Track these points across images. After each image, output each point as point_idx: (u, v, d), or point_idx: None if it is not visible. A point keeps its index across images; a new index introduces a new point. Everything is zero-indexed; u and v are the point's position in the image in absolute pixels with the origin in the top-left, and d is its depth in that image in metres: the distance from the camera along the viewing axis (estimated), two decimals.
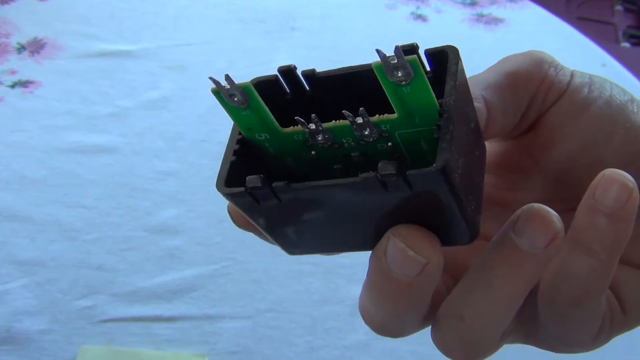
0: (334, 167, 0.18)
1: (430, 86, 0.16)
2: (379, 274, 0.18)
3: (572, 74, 0.25)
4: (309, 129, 0.17)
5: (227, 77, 0.17)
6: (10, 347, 0.66)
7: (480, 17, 1.09)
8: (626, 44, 1.78)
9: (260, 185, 0.16)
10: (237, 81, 0.17)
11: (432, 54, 0.18)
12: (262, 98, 0.18)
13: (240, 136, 0.19)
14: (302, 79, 0.19)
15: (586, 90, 0.24)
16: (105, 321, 0.70)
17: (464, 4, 1.12)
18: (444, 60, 0.18)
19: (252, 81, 0.19)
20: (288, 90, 0.20)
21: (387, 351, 0.71)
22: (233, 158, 0.18)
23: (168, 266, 0.75)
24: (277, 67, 0.19)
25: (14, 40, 1.01)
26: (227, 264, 0.77)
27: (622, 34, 1.80)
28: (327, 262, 0.78)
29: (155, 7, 1.11)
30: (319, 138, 0.17)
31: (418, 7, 1.19)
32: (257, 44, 1.07)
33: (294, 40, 1.07)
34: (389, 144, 0.17)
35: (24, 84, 0.94)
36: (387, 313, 0.20)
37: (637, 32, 1.82)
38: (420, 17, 1.12)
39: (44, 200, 0.79)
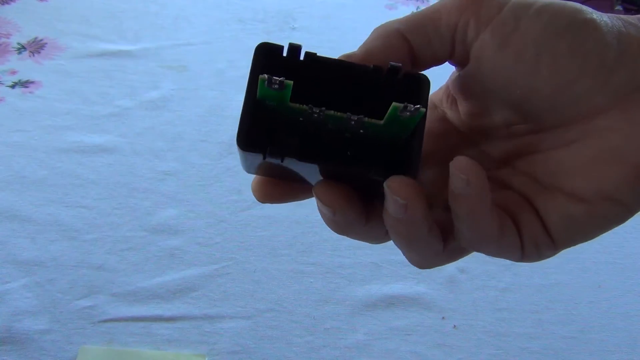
0: (316, 131, 0.24)
1: (416, 120, 0.22)
2: (388, 220, 0.23)
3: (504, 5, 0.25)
4: (312, 111, 0.22)
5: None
6: (10, 347, 0.66)
7: None
8: None
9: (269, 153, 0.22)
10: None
11: (409, 74, 0.24)
12: (263, 59, 0.23)
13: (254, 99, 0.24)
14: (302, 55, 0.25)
15: (512, 20, 0.24)
16: (106, 321, 0.70)
17: None
18: (417, 78, 0.24)
19: (260, 44, 0.24)
20: (287, 59, 0.25)
21: (387, 351, 0.71)
22: (250, 113, 0.23)
23: (168, 266, 0.75)
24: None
25: (14, 40, 1.01)
26: (227, 264, 0.77)
27: None
28: (327, 262, 0.78)
29: (155, 7, 1.11)
30: (315, 116, 0.22)
31: (418, 7, 1.19)
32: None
33: (293, 40, 1.07)
34: (360, 130, 0.23)
35: (25, 84, 0.94)
36: (407, 249, 0.25)
37: None
38: None
39: (44, 200, 0.80)
